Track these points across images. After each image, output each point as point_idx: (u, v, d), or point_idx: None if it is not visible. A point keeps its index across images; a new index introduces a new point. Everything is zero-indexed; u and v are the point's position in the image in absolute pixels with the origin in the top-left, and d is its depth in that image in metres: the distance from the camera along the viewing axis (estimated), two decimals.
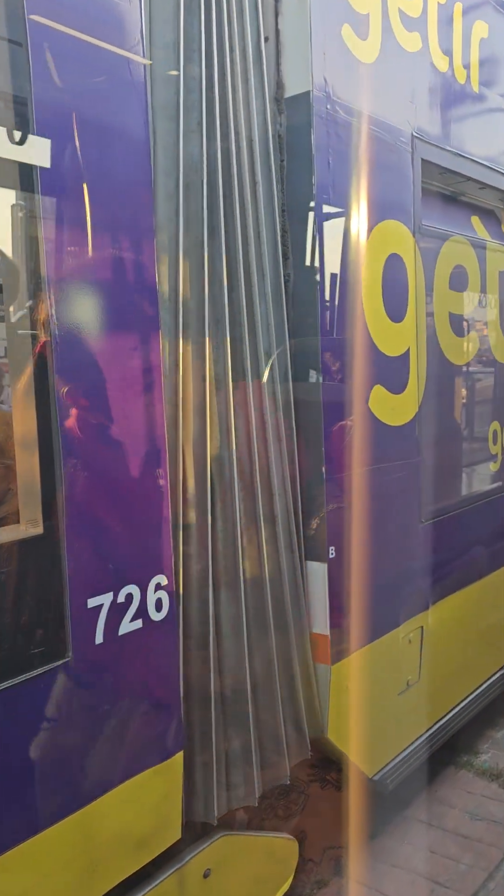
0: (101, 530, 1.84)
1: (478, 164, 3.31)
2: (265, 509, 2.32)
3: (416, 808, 3.14)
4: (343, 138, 2.48)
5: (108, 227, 1.84)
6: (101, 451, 1.85)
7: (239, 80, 2.24)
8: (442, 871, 2.76)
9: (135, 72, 1.91)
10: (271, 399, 2.36)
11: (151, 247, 1.97)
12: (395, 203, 2.77)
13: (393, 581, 2.82)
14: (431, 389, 3.03)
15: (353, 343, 2.58)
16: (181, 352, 2.10)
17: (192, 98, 2.12)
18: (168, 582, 2.01)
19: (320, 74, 2.37)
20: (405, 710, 2.94)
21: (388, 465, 2.76)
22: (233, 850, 2.28)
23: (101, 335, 1.84)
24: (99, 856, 1.83)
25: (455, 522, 3.23)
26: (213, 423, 2.20)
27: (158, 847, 2.00)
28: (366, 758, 2.73)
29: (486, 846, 2.89)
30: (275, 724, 2.34)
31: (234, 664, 2.24)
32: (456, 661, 3.34)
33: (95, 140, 1.80)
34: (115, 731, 1.89)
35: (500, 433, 3.64)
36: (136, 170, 1.91)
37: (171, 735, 2.04)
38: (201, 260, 2.14)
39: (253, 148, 2.29)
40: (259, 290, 2.31)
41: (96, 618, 1.84)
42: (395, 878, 2.73)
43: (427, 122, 2.94)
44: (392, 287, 2.73)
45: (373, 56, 2.60)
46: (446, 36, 3.01)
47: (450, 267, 3.18)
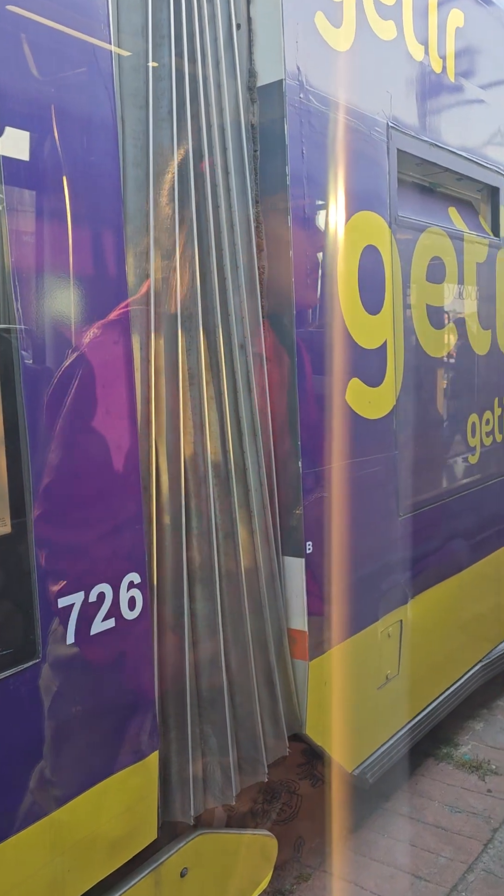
0: (71, 528, 1.81)
1: (454, 155, 3.29)
2: (241, 504, 2.30)
3: (396, 801, 3.14)
4: (317, 128, 2.45)
5: (75, 218, 1.79)
6: (70, 447, 1.81)
7: (210, 67, 2.20)
8: (422, 864, 2.76)
9: (101, 59, 1.86)
10: (246, 392, 2.33)
11: (121, 238, 1.93)
12: (370, 194, 2.74)
13: (371, 575, 2.81)
14: (409, 382, 3.01)
15: (330, 336, 2.55)
16: (153, 345, 2.06)
17: (161, 86, 2.07)
18: (141, 580, 1.98)
19: (293, 63, 2.33)
20: (384, 704, 2.94)
21: (365, 459, 2.74)
22: (210, 848, 2.26)
23: (69, 329, 1.80)
24: (72, 860, 1.80)
25: (433, 516, 3.22)
26: (186, 417, 2.16)
27: (134, 849, 1.98)
28: (345, 753, 2.72)
29: (465, 839, 2.90)
30: (252, 721, 2.32)
31: (210, 661, 2.21)
32: (435, 654, 3.34)
33: (60, 129, 1.75)
34: (89, 731, 1.86)
35: (479, 425, 3.64)
36: (104, 159, 1.87)
37: (146, 735, 2.01)
38: (173, 251, 2.10)
39: (225, 137, 2.25)
40: (233, 281, 2.27)
41: (67, 618, 1.80)
42: (375, 872, 2.73)
43: (403, 112, 2.91)
44: (368, 279, 2.71)
45: (347, 44, 2.56)
46: (422, 25, 2.98)
47: (427, 259, 3.16)
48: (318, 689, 2.53)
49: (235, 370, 2.28)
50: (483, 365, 3.67)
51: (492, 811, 3.06)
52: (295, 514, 2.45)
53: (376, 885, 2.67)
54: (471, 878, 2.68)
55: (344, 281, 2.59)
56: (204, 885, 2.24)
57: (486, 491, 3.69)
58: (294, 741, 2.54)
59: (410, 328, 3.07)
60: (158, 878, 2.07)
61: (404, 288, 2.98)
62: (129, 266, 2.00)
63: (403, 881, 2.68)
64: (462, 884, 2.66)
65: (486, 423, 3.70)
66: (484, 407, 3.68)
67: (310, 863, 2.78)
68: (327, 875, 2.74)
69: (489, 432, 3.73)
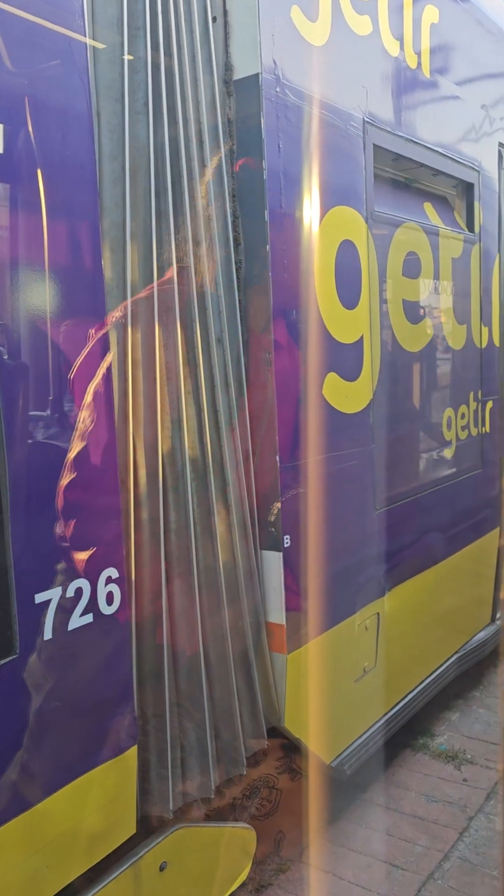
0: (48, 524, 1.80)
1: (430, 151, 3.31)
2: (219, 499, 2.30)
3: (373, 791, 3.17)
4: (293, 122, 2.45)
5: (50, 212, 1.78)
6: (47, 442, 1.80)
7: (186, 60, 2.19)
8: (398, 854, 2.80)
9: (76, 51, 1.84)
10: (224, 387, 2.33)
11: (97, 232, 1.92)
12: (347, 189, 2.75)
13: (348, 569, 2.83)
14: (385, 377, 3.03)
15: (307, 330, 2.56)
16: (130, 339, 2.06)
17: (137, 78, 2.06)
18: (119, 575, 1.98)
19: (269, 57, 2.33)
20: (362, 696, 2.97)
21: (342, 453, 2.76)
22: (190, 841, 2.27)
23: (45, 323, 1.78)
24: (50, 856, 1.80)
25: (410, 509, 3.26)
26: (164, 411, 2.16)
27: (112, 843, 1.98)
28: (323, 745, 2.75)
29: (441, 827, 2.94)
30: (231, 714, 2.33)
31: (189, 656, 2.22)
32: (412, 646, 3.38)
33: (34, 121, 1.73)
34: (68, 727, 1.85)
35: (455, 419, 3.68)
36: (79, 152, 1.85)
37: (125, 729, 2.01)
38: (149, 245, 2.09)
39: (202, 130, 2.24)
40: (210, 276, 2.27)
41: (44, 613, 1.79)
42: (353, 862, 2.76)
43: (379, 108, 2.92)
44: (345, 274, 2.72)
45: (323, 39, 2.57)
46: (397, 20, 2.99)
47: (403, 254, 3.18)
48: (297, 682, 2.55)
49: (213, 365, 2.28)
50: (458, 359, 3.71)
51: (467, 800, 3.10)
52: (273, 508, 2.46)
53: (354, 874, 2.70)
54: (447, 866, 2.72)
55: (320, 275, 2.60)
56: (183, 878, 2.25)
57: (461, 485, 3.73)
58: (272, 734, 2.56)
59: (387, 323, 3.09)
60: (137, 873, 2.07)
61: (380, 283, 3.00)
62: (106, 260, 1.99)
63: (381, 870, 2.72)
64: (438, 872, 2.70)
65: (462, 417, 3.75)
66: (459, 401, 3.72)
67: (288, 854, 2.81)
68: (306, 866, 2.76)
69: (464, 426, 3.77)
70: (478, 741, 3.56)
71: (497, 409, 4.13)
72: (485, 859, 2.75)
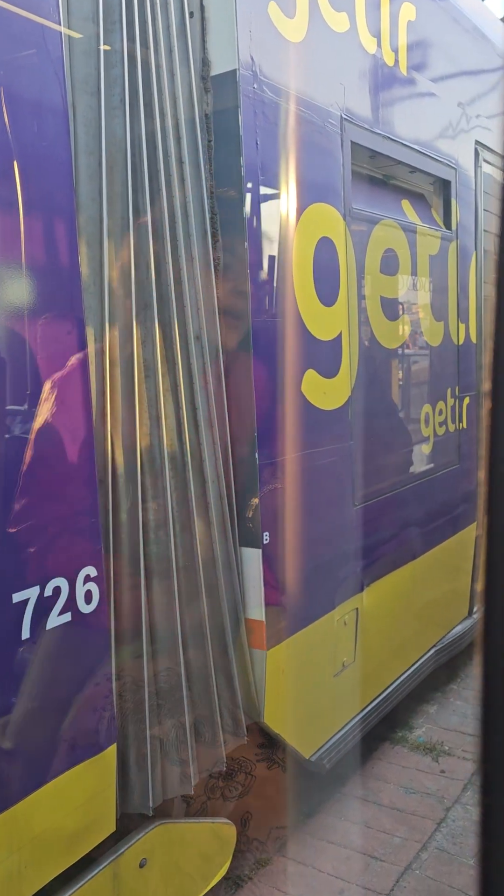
0: (25, 523, 1.78)
1: (407, 148, 3.33)
2: (198, 496, 2.30)
3: (352, 785, 3.20)
4: (271, 119, 2.45)
5: (25, 206, 1.76)
6: (23, 441, 1.79)
7: (163, 55, 2.18)
8: (377, 845, 2.83)
9: (51, 41, 1.82)
10: (203, 384, 2.32)
11: (73, 227, 1.90)
12: (325, 186, 2.75)
13: (327, 565, 2.85)
14: (364, 373, 3.05)
15: (285, 327, 2.56)
16: (108, 337, 2.04)
17: (113, 73, 2.04)
18: (98, 573, 1.97)
19: (247, 52, 2.32)
20: (341, 690, 2.99)
21: (321, 450, 2.77)
22: (170, 838, 2.27)
23: (21, 319, 1.76)
24: (29, 855, 1.79)
25: (388, 505, 3.28)
26: (142, 409, 2.15)
27: (91, 842, 1.97)
28: (302, 740, 2.76)
29: (419, 818, 2.97)
30: (210, 711, 2.33)
31: (168, 653, 2.21)
32: (391, 640, 3.41)
33: (8, 113, 1.71)
34: (45, 727, 1.84)
35: (432, 416, 3.71)
36: (55, 146, 1.83)
37: (104, 727, 2.00)
38: (127, 242, 2.08)
39: (179, 126, 2.23)
40: (188, 272, 2.26)
41: (22, 613, 1.78)
42: (332, 855, 2.79)
43: (356, 105, 2.93)
44: (323, 271, 2.73)
45: (300, 35, 2.56)
46: (374, 17, 3.00)
47: (381, 251, 3.19)
48: (276, 678, 2.56)
49: (191, 362, 2.27)
50: (436, 356, 3.74)
51: (445, 791, 3.14)
52: (252, 505, 2.47)
53: (333, 867, 2.72)
54: (425, 857, 2.76)
55: (299, 272, 2.60)
56: (163, 874, 2.25)
57: (439, 480, 3.77)
58: (252, 729, 2.57)
59: (365, 320, 3.10)
60: (117, 870, 2.07)
61: (359, 280, 3.01)
62: (83, 255, 1.97)
63: (360, 862, 2.74)
64: (416, 862, 2.73)
65: (440, 413, 3.78)
66: (437, 397, 3.75)
67: (268, 848, 2.82)
68: (286, 859, 2.78)
69: (442, 422, 3.80)
70: (455, 733, 3.60)
71: (474, 406, 4.17)
72: (462, 849, 2.79)
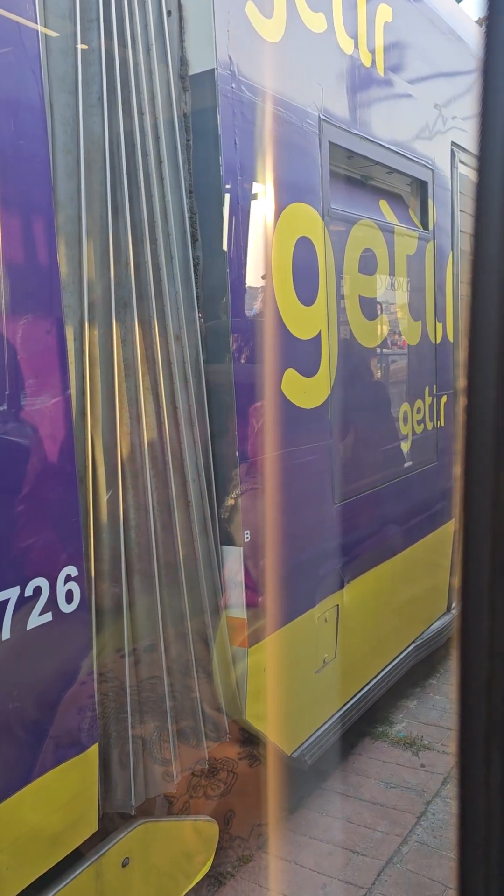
0: (5, 523, 1.77)
1: (384, 149, 3.36)
2: (178, 495, 2.30)
3: (333, 780, 3.22)
4: (249, 119, 2.46)
5: (3, 205, 1.75)
6: (3, 441, 1.78)
7: (141, 54, 2.18)
8: (359, 840, 2.85)
9: (27, 39, 1.81)
10: (183, 383, 2.33)
11: (51, 227, 1.89)
12: (303, 186, 2.77)
13: (308, 562, 2.87)
14: (343, 372, 3.07)
15: (265, 326, 2.58)
16: (87, 336, 2.04)
17: (91, 71, 2.04)
18: (78, 573, 1.96)
19: (224, 52, 2.33)
20: (322, 687, 3.01)
21: (301, 448, 2.79)
22: (152, 836, 2.27)
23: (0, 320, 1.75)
24: (11, 857, 1.78)
25: (367, 502, 3.31)
26: (122, 409, 2.15)
27: (74, 842, 1.97)
28: (284, 736, 2.78)
29: (400, 812, 3.00)
30: (192, 709, 2.34)
31: (150, 652, 2.22)
32: (371, 636, 3.44)
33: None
34: (27, 727, 1.84)
35: (410, 414, 3.74)
36: (32, 144, 1.82)
37: (86, 727, 2.00)
38: (106, 241, 2.07)
39: (157, 125, 2.23)
40: (167, 271, 2.26)
41: (2, 613, 1.77)
42: (314, 850, 2.80)
43: (334, 105, 2.95)
44: (302, 270, 2.74)
45: (278, 35, 2.58)
46: (351, 18, 3.02)
47: (359, 250, 3.22)
48: (257, 676, 2.57)
49: (171, 361, 2.27)
50: (414, 355, 3.78)
51: (425, 785, 3.18)
52: (232, 503, 2.47)
53: (315, 862, 2.74)
54: (405, 850, 2.79)
55: (278, 272, 2.61)
56: (146, 873, 2.25)
57: (417, 477, 3.80)
58: (234, 727, 2.58)
59: (344, 319, 3.12)
60: (100, 870, 2.07)
61: (337, 279, 3.03)
62: (61, 255, 1.97)
63: (341, 857, 2.76)
64: (397, 856, 2.76)
65: (418, 411, 3.82)
66: (415, 396, 3.79)
67: (250, 845, 2.83)
68: (267, 855, 2.79)
69: (420, 420, 3.84)
70: (435, 727, 3.64)
71: (451, 403, 4.22)
72: (442, 842, 2.82)
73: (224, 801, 2.75)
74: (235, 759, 2.81)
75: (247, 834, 2.86)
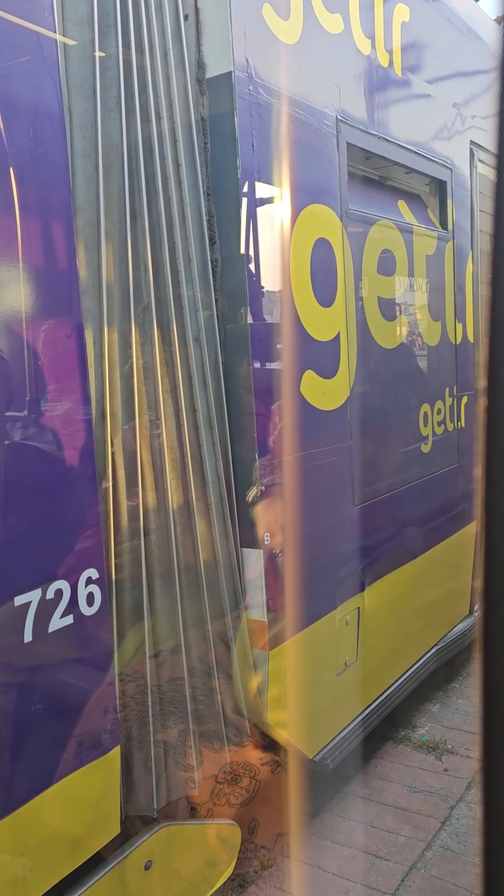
0: (26, 525, 1.79)
1: (402, 149, 3.34)
2: (198, 497, 2.30)
3: (356, 784, 3.20)
4: (266, 121, 2.46)
5: (23, 210, 1.76)
6: (24, 445, 1.79)
7: (158, 58, 2.19)
8: (382, 845, 2.83)
9: (46, 47, 1.83)
10: (202, 386, 2.33)
11: (71, 231, 1.91)
12: (321, 187, 2.76)
13: (328, 564, 2.85)
14: (362, 373, 3.06)
15: (283, 328, 2.57)
16: (107, 339, 2.05)
17: (109, 76, 2.05)
18: (99, 576, 1.97)
19: (242, 55, 2.33)
20: (343, 690, 2.99)
21: (320, 450, 2.77)
22: (175, 839, 2.27)
23: (20, 323, 1.77)
24: (34, 859, 1.79)
25: (388, 504, 3.28)
26: (142, 411, 2.16)
27: (96, 845, 1.98)
28: (305, 739, 2.77)
29: (423, 817, 2.98)
30: (213, 712, 2.34)
31: (171, 654, 2.22)
32: (393, 639, 3.41)
33: (5, 118, 1.72)
34: (50, 729, 1.85)
35: (431, 415, 3.71)
36: (51, 150, 1.84)
37: (108, 730, 2.01)
38: (124, 244, 2.08)
39: (175, 129, 2.24)
40: (186, 274, 2.27)
41: (24, 616, 1.78)
42: (337, 854, 2.79)
43: (351, 106, 2.94)
44: (320, 272, 2.73)
45: (295, 37, 2.57)
46: (368, 19, 3.01)
47: (377, 251, 3.20)
48: (279, 678, 2.56)
49: (190, 363, 2.28)
50: (434, 356, 3.75)
51: (449, 790, 3.14)
52: (252, 505, 2.47)
53: (338, 866, 2.72)
54: (429, 856, 2.76)
55: (296, 274, 2.61)
56: (168, 876, 2.25)
57: (438, 479, 3.77)
58: (255, 732, 2.57)
59: (363, 320, 3.11)
60: (122, 873, 2.07)
61: (356, 280, 3.02)
62: (80, 259, 1.98)
63: (364, 862, 2.74)
64: (421, 861, 2.73)
65: (438, 412, 3.78)
66: (436, 397, 3.76)
67: (272, 849, 2.82)
68: (290, 860, 2.78)
69: (441, 422, 3.81)
70: (458, 731, 3.60)
71: (472, 404, 4.18)
72: (466, 847, 2.79)
73: (246, 808, 2.75)
74: (257, 766, 2.80)
75: (269, 838, 2.85)
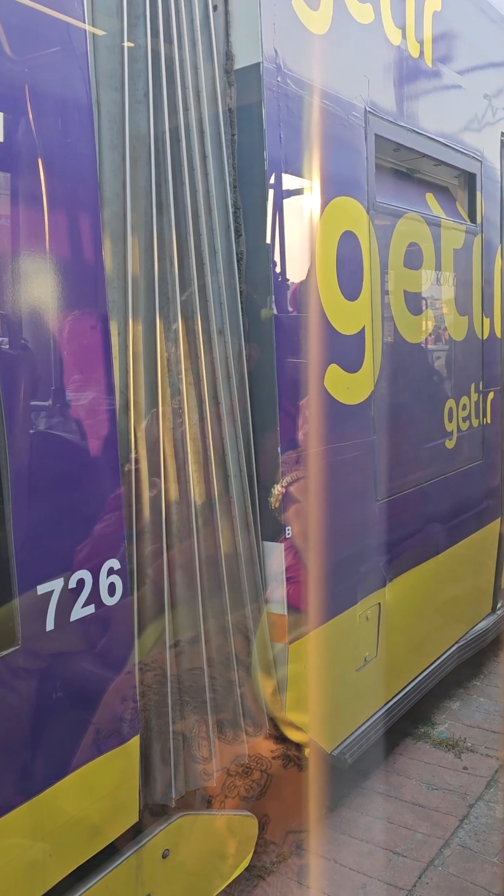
0: (50, 516, 1.80)
1: (432, 141, 3.30)
2: (220, 490, 2.31)
3: (374, 779, 3.19)
4: (294, 112, 2.44)
5: (50, 202, 1.77)
6: (48, 435, 1.81)
7: (186, 49, 2.18)
8: (399, 841, 2.82)
9: (75, 38, 1.83)
10: (225, 378, 2.33)
11: (97, 222, 1.91)
12: (348, 179, 2.74)
13: (350, 559, 2.84)
14: (387, 368, 3.03)
15: (308, 321, 2.56)
16: (131, 331, 2.05)
17: (137, 67, 2.05)
18: (121, 566, 1.98)
19: (270, 46, 2.31)
20: (363, 685, 2.98)
21: (343, 444, 2.76)
22: (191, 829, 2.29)
23: (46, 314, 1.78)
24: (53, 844, 1.82)
25: (410, 500, 3.26)
26: (165, 403, 2.16)
27: (114, 832, 2.00)
28: (324, 733, 2.76)
29: (441, 815, 2.96)
30: (232, 704, 2.35)
31: (190, 646, 2.23)
32: (413, 635, 3.39)
33: (34, 110, 1.73)
34: (70, 717, 1.87)
35: (456, 411, 3.68)
36: (79, 142, 1.84)
37: (127, 719, 2.02)
38: (150, 236, 2.09)
39: (202, 120, 2.23)
40: (211, 266, 2.26)
41: (47, 604, 1.80)
42: (354, 849, 2.79)
43: (380, 97, 2.90)
44: (346, 265, 2.71)
45: (324, 27, 2.55)
46: (399, 9, 2.97)
47: (404, 245, 3.17)
48: (298, 672, 2.56)
49: (214, 356, 2.28)
50: (460, 351, 3.70)
51: (467, 787, 3.12)
52: (274, 498, 2.47)
53: (355, 861, 2.72)
54: (447, 853, 2.75)
55: (322, 266, 2.59)
56: (185, 865, 2.27)
57: (462, 475, 3.74)
58: (273, 722, 2.57)
59: (388, 314, 3.08)
60: (140, 861, 2.09)
61: (382, 274, 2.99)
62: (106, 251, 1.99)
63: (381, 857, 2.74)
64: (438, 858, 2.72)
65: (463, 408, 3.74)
66: (461, 392, 3.72)
67: (290, 842, 2.83)
68: (307, 853, 2.78)
69: (466, 417, 3.77)
70: (478, 729, 3.58)
71: (498, 400, 4.13)
72: (485, 846, 2.77)
73: (263, 797, 2.75)
74: (273, 759, 2.81)
75: (285, 830, 2.86)
